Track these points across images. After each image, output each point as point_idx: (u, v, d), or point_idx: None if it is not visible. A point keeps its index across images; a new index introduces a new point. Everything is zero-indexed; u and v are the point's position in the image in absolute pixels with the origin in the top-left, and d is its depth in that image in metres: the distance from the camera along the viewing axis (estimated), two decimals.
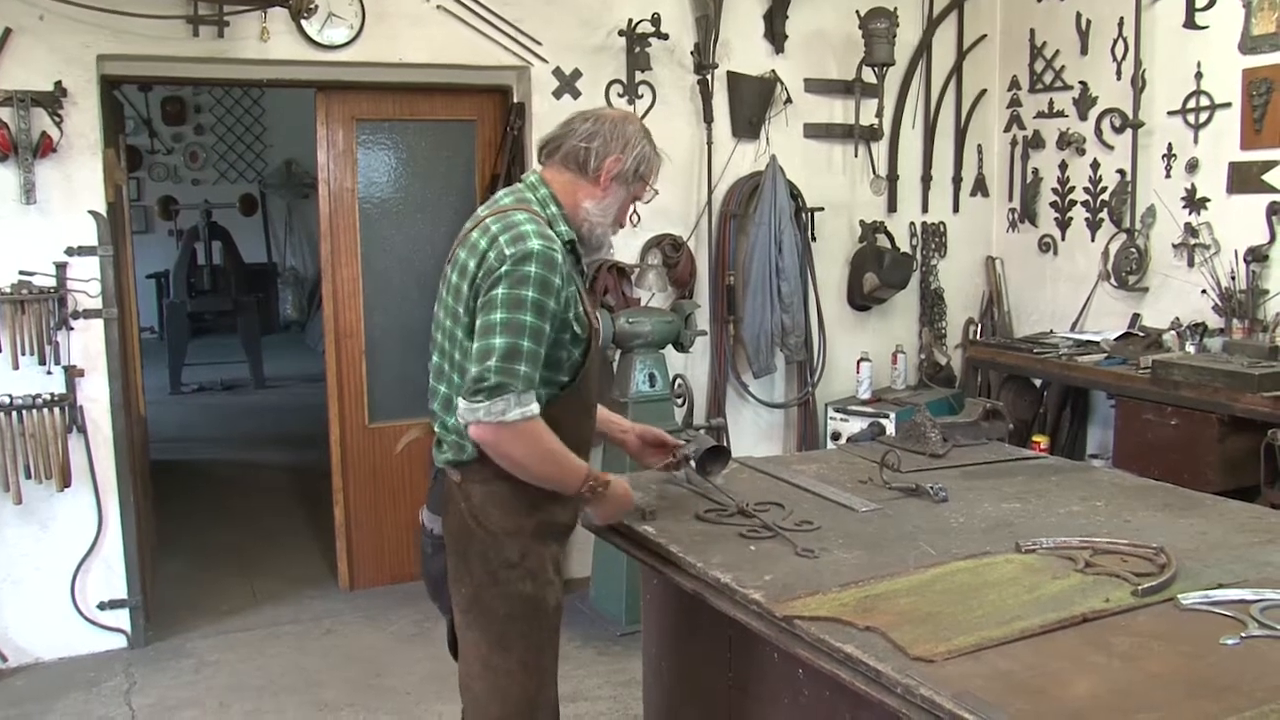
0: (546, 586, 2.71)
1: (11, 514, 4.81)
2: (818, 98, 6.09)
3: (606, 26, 5.57)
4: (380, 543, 5.73)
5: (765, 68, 5.92)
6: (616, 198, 2.69)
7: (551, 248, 2.51)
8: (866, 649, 1.94)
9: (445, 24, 5.29)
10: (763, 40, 5.93)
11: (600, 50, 5.59)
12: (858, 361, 6.13)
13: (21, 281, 4.70)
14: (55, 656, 4.97)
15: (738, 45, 5.84)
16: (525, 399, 2.44)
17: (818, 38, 6.02)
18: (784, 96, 5.97)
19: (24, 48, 4.65)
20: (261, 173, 13.80)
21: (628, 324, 5.19)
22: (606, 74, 5.61)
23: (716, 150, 5.81)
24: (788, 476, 3.13)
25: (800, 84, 6.02)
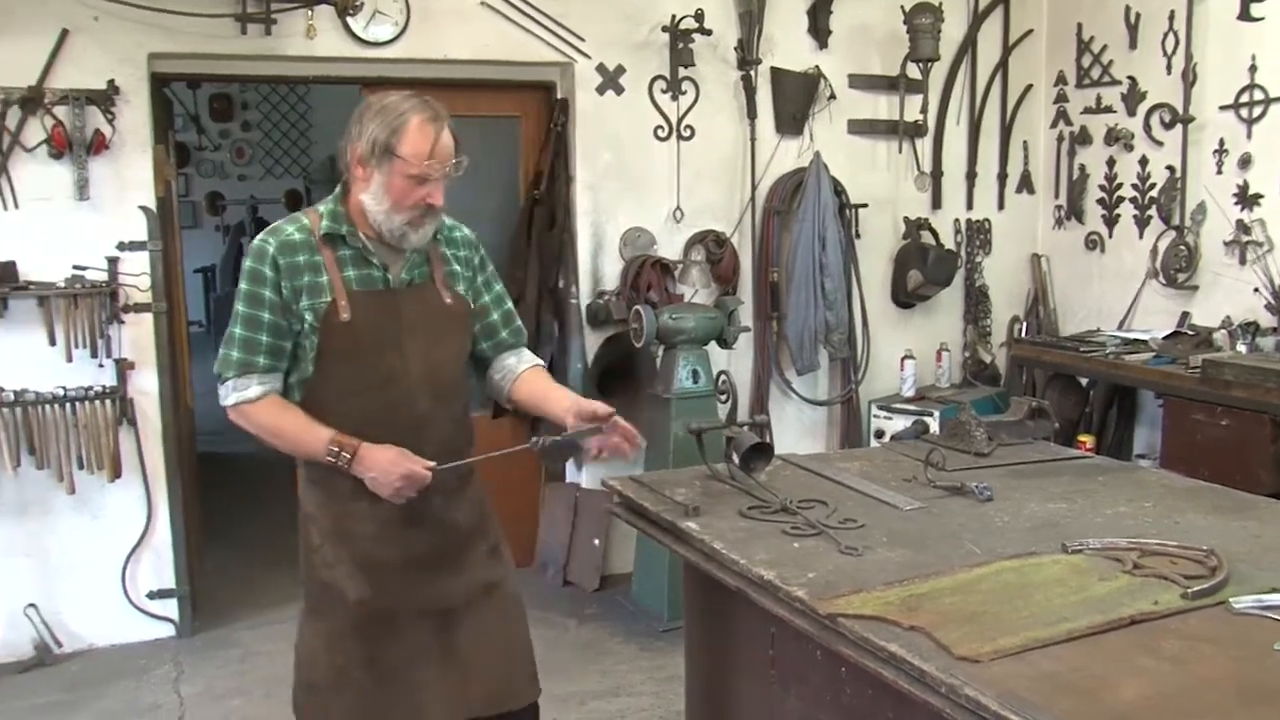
0: (346, 580, 2.80)
1: (65, 504, 4.89)
2: (862, 93, 6.06)
3: (650, 22, 5.57)
4: None
5: (809, 63, 5.90)
6: (378, 182, 2.65)
7: (266, 240, 2.71)
8: (911, 648, 1.93)
9: (490, 20, 5.31)
10: (806, 36, 5.91)
11: (644, 46, 5.59)
12: (901, 359, 6.09)
13: (75, 276, 4.77)
14: (107, 644, 5.05)
15: (781, 41, 5.82)
16: (241, 384, 2.71)
17: (862, 33, 5.99)
18: (828, 92, 5.95)
19: (79, 48, 4.73)
20: (306, 168, 13.89)
21: (671, 320, 5.19)
22: (650, 70, 5.61)
23: (760, 147, 5.80)
24: (831, 474, 3.11)
25: (844, 80, 6.00)
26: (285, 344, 2.72)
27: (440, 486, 2.76)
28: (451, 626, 2.86)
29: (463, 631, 2.87)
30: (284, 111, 13.74)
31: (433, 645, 2.84)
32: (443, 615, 2.85)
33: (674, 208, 5.70)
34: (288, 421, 2.72)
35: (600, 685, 4.62)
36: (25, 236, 4.74)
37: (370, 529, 2.78)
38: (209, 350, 10.94)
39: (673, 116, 5.66)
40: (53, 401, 4.75)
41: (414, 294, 2.78)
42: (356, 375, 2.72)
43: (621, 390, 5.54)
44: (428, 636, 2.84)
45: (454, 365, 2.86)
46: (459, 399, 2.89)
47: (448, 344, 2.83)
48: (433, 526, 2.83)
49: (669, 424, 5.16)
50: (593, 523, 5.66)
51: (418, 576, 2.82)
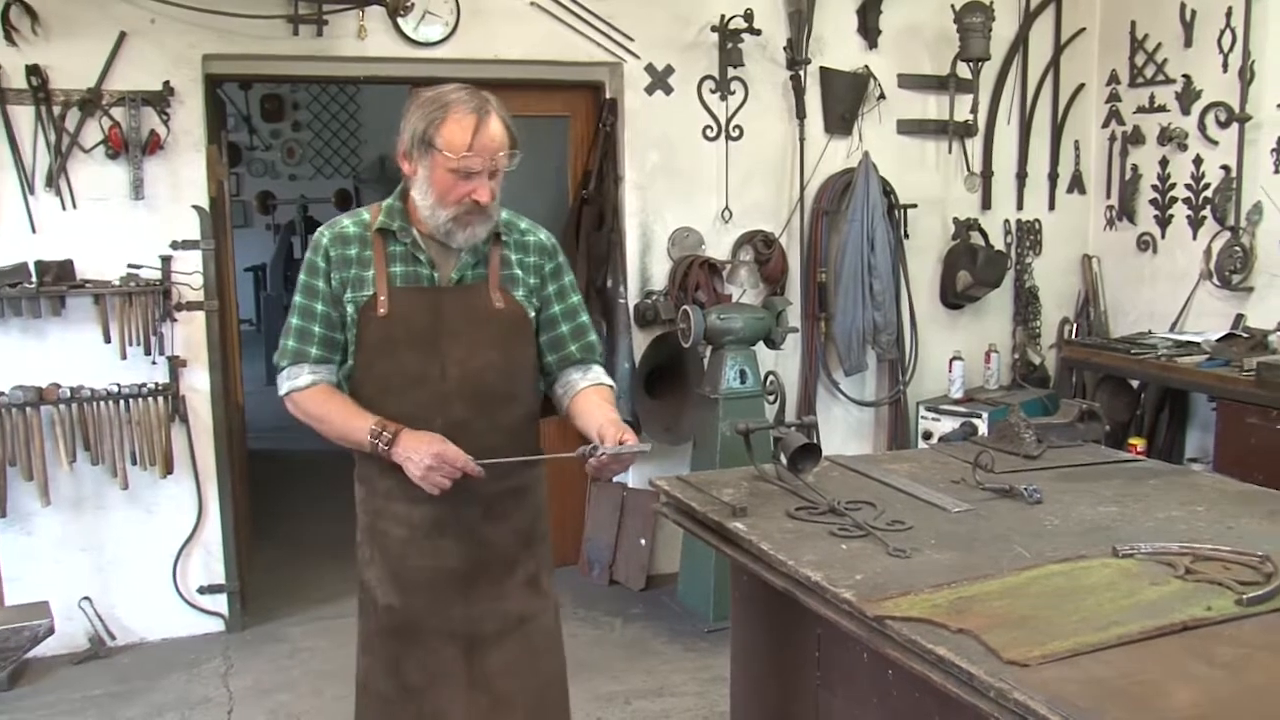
0: (377, 583, 2.80)
1: (119, 499, 4.97)
2: (911, 93, 6.03)
3: (699, 22, 5.57)
4: None
5: (858, 63, 5.87)
6: (422, 176, 2.62)
7: (323, 232, 2.73)
8: (959, 651, 1.92)
9: (539, 21, 5.33)
10: (856, 35, 5.88)
11: (693, 46, 5.58)
12: (950, 360, 6.05)
13: (129, 274, 4.84)
14: (158, 637, 5.13)
15: (831, 40, 5.80)
16: (293, 372, 2.72)
17: (912, 33, 5.96)
18: (877, 92, 5.92)
19: (136, 50, 4.80)
20: (356, 168, 14.00)
21: (719, 320, 5.18)
22: (699, 70, 5.61)
23: (809, 147, 5.78)
24: (879, 475, 3.10)
25: (894, 79, 5.97)
26: (337, 336, 2.72)
27: (478, 495, 2.69)
28: (480, 654, 2.77)
29: (491, 662, 2.78)
30: (334, 112, 13.85)
31: (459, 670, 2.77)
32: (470, 640, 2.77)
33: (722, 208, 5.70)
34: (334, 409, 2.69)
35: (644, 685, 4.63)
36: (82, 236, 4.81)
37: (402, 533, 2.75)
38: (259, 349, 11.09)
39: (721, 116, 5.66)
40: (107, 398, 4.82)
41: (461, 295, 2.70)
42: (391, 373, 2.68)
43: (669, 390, 5.55)
44: (454, 660, 2.76)
45: (499, 371, 2.72)
46: (509, 408, 2.75)
47: (494, 349, 2.71)
48: (465, 539, 2.74)
49: (716, 424, 5.16)
50: (639, 522, 5.67)
51: (447, 594, 2.75)
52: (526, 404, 2.80)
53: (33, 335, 4.80)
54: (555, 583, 2.97)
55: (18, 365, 4.77)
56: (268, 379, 10.81)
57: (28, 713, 4.46)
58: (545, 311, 2.84)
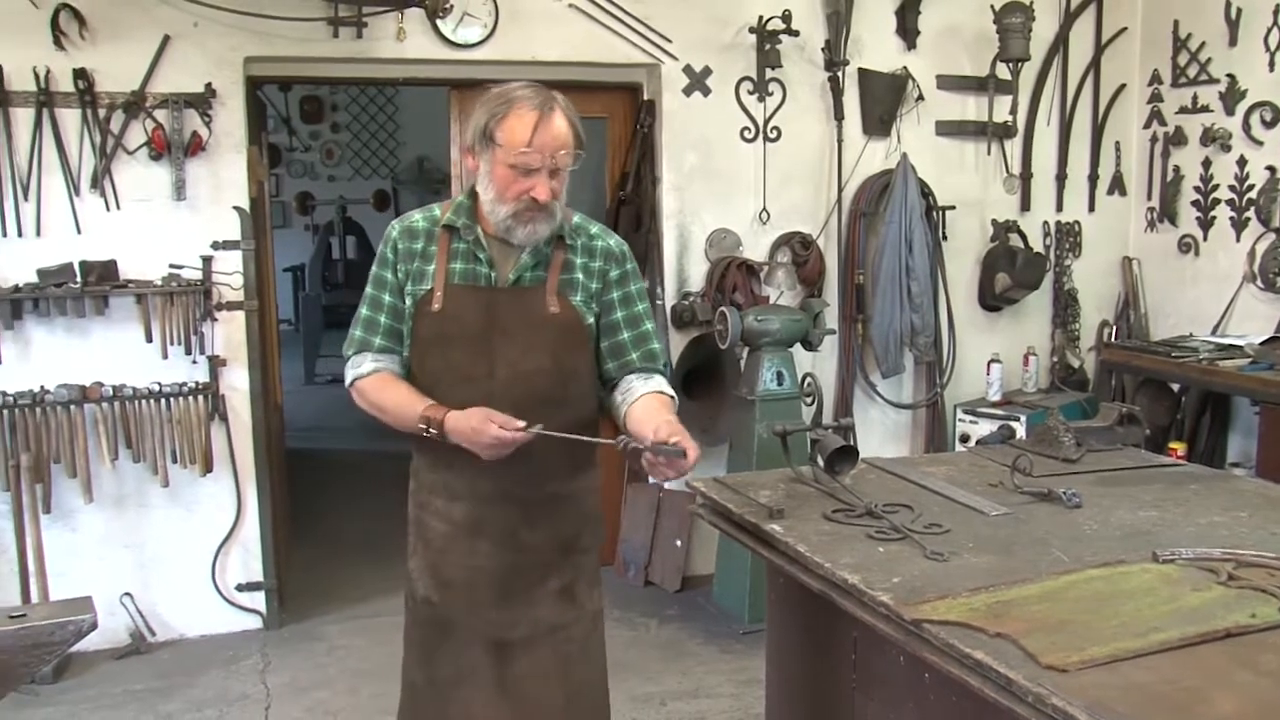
0: (417, 575, 2.85)
1: (159, 497, 5.03)
2: (950, 94, 6.00)
3: (737, 24, 5.57)
4: None
5: (897, 64, 5.85)
6: (484, 171, 2.63)
7: (394, 225, 2.78)
8: (997, 656, 1.90)
9: (577, 22, 5.35)
10: (894, 36, 5.86)
11: (730, 48, 5.58)
12: (988, 363, 6.02)
13: (171, 274, 4.90)
14: (197, 634, 5.18)
15: (869, 41, 5.78)
16: (356, 361, 2.78)
17: (951, 33, 5.93)
18: (915, 93, 5.90)
19: (179, 52, 4.85)
20: (394, 169, 14.08)
21: (756, 322, 5.18)
22: (736, 71, 5.61)
23: (847, 148, 5.76)
24: (916, 478, 3.09)
25: (932, 80, 5.94)
26: (402, 327, 2.74)
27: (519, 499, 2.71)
28: (509, 658, 2.76)
29: (520, 666, 2.77)
30: (373, 113, 13.94)
31: (487, 673, 2.77)
32: (500, 643, 2.76)
33: (760, 209, 5.69)
34: (390, 395, 2.70)
35: (680, 686, 4.63)
36: (125, 236, 4.87)
37: (443, 529, 2.77)
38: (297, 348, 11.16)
39: (759, 118, 5.65)
40: (148, 397, 4.87)
41: (516, 296, 2.68)
42: (441, 368, 2.69)
43: (705, 392, 5.54)
44: (483, 660, 2.76)
45: (549, 375, 2.68)
46: (559, 413, 2.65)
47: (545, 353, 2.68)
48: (501, 542, 2.74)
49: (753, 426, 5.15)
50: (675, 523, 5.67)
51: (482, 594, 2.75)
52: (578, 410, 2.76)
53: (77, 334, 4.86)
54: (599, 594, 2.94)
55: (62, 364, 4.83)
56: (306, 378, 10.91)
57: (72, 705, 4.52)
58: (607, 317, 2.80)
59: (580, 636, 2.85)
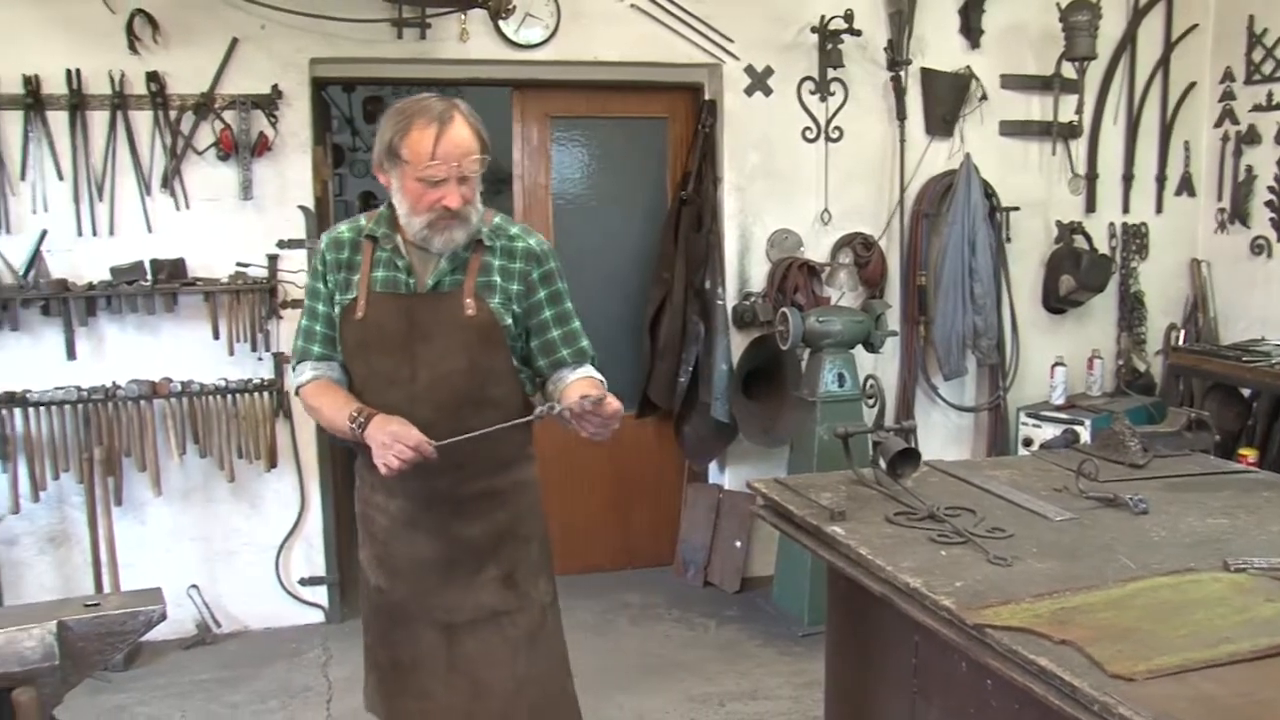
0: (367, 565, 2.96)
1: (225, 491, 5.11)
2: (1014, 94, 5.93)
3: (799, 23, 5.55)
4: (566, 531, 5.82)
5: (960, 63, 5.80)
6: (396, 187, 2.68)
7: (323, 238, 2.88)
8: (1062, 663, 1.89)
9: (638, 22, 5.36)
10: (958, 35, 5.81)
11: (792, 47, 5.56)
12: (1052, 366, 5.95)
13: (238, 272, 4.97)
14: (261, 626, 5.26)
15: (932, 41, 5.74)
16: (299, 369, 2.90)
17: (1015, 32, 5.86)
18: (979, 93, 5.84)
19: (247, 55, 4.93)
20: None
21: (817, 323, 5.16)
22: (798, 71, 5.59)
23: (909, 148, 5.73)
24: (979, 482, 3.06)
25: (996, 80, 5.88)
26: (336, 334, 2.82)
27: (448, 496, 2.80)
28: (458, 640, 2.87)
29: (468, 649, 2.87)
30: None
31: (440, 653, 2.88)
32: (448, 627, 2.87)
33: (821, 209, 5.67)
34: (326, 401, 2.80)
35: (738, 687, 4.62)
36: (194, 235, 4.96)
37: (383, 522, 2.89)
38: None
39: (821, 118, 5.63)
40: (215, 393, 4.95)
41: (434, 301, 2.74)
42: (367, 374, 2.79)
43: (766, 393, 5.53)
44: (435, 643, 2.88)
45: (466, 376, 2.74)
46: (481, 413, 2.73)
47: (463, 354, 2.74)
48: (436, 535, 2.84)
49: (814, 427, 5.14)
50: (735, 524, 5.67)
51: (427, 581, 2.86)
52: (503, 408, 2.79)
53: (147, 331, 4.95)
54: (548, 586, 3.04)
55: (133, 360, 4.93)
56: None
57: (142, 692, 4.62)
58: (536, 317, 2.85)
59: (527, 624, 2.93)
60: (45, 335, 4.84)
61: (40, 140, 4.76)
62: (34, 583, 4.98)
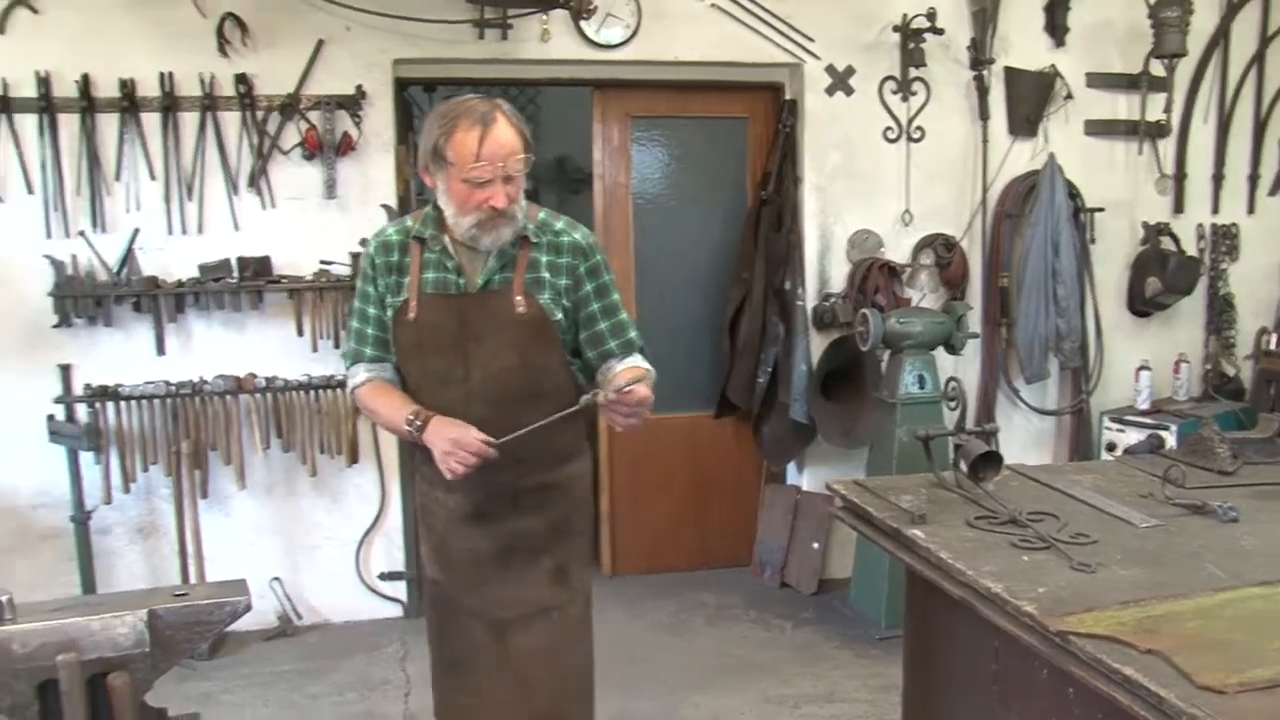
0: (426, 558, 3.02)
1: (307, 486, 5.20)
2: (1100, 93, 5.84)
3: (881, 22, 5.51)
4: (641, 532, 5.86)
5: (1045, 62, 5.72)
6: (442, 189, 2.72)
7: (370, 241, 2.91)
8: (1148, 673, 1.85)
9: (719, 22, 5.36)
10: (1043, 33, 5.73)
11: (874, 47, 5.53)
12: (1137, 370, 5.85)
13: (321, 270, 5.04)
14: (341, 619, 5.35)
15: (1016, 39, 5.67)
16: (353, 371, 2.94)
17: (1102, 29, 5.77)
18: (1064, 92, 5.76)
19: (332, 56, 5.02)
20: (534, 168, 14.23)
21: (898, 324, 5.12)
22: (880, 71, 5.55)
23: (992, 148, 5.66)
24: (1062, 486, 3.02)
25: (1081, 78, 5.79)
26: (388, 336, 2.86)
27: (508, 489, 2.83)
28: (508, 636, 2.91)
29: (518, 644, 2.91)
30: None
31: (490, 648, 2.92)
32: (499, 622, 2.91)
33: (903, 210, 5.62)
34: (382, 402, 2.85)
35: (814, 690, 4.60)
36: (279, 233, 5.05)
37: (441, 516, 2.93)
38: None
39: (903, 117, 5.59)
40: (298, 389, 5.03)
41: (485, 300, 2.77)
42: (421, 374, 2.82)
43: (846, 394, 5.50)
44: (485, 638, 2.92)
45: (519, 373, 2.78)
46: (535, 408, 2.75)
47: (514, 352, 2.77)
48: (494, 528, 2.87)
49: (893, 429, 5.10)
50: (812, 525, 5.64)
51: (479, 575, 2.90)
52: (557, 402, 2.80)
53: (233, 328, 5.06)
54: (591, 577, 3.09)
55: (219, 355, 5.04)
56: None
57: (226, 681, 4.72)
58: (585, 309, 2.88)
59: (574, 616, 2.98)
60: (136, 331, 4.96)
61: (134, 141, 4.88)
62: (125, 571, 5.11)
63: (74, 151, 4.85)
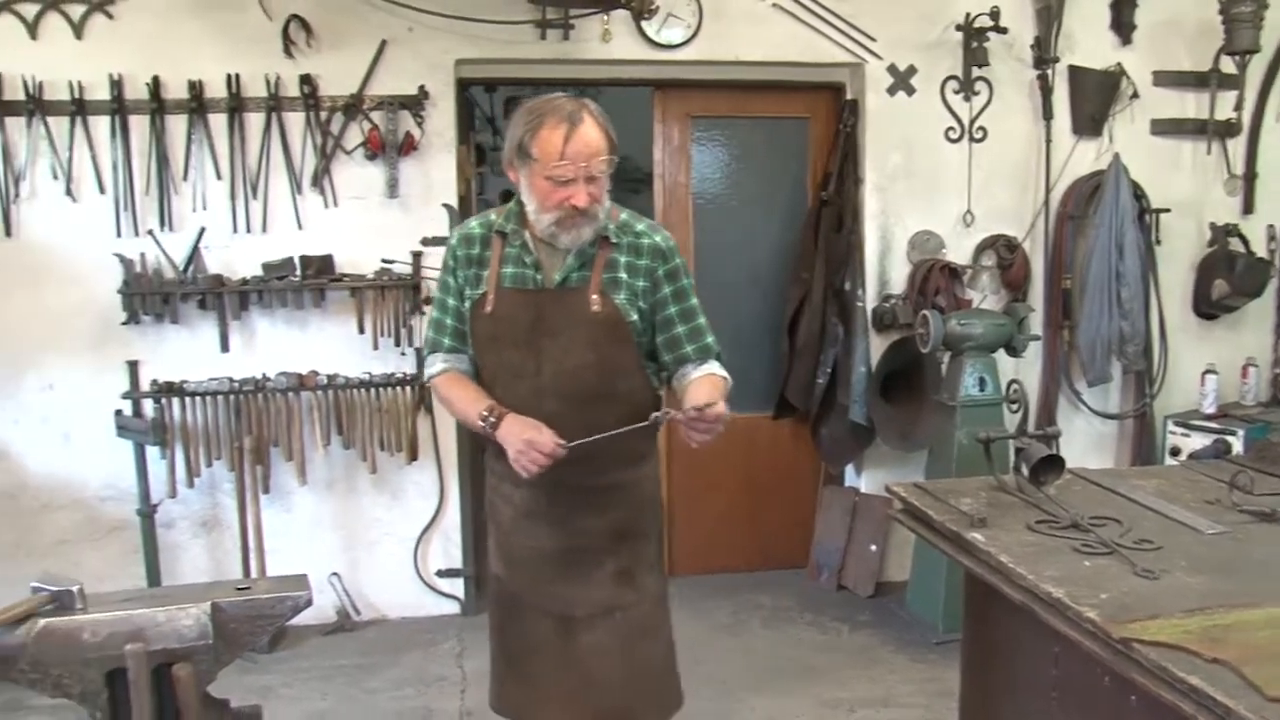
0: (491, 553, 3.05)
1: (367, 483, 5.25)
2: (1167, 91, 5.74)
3: (943, 21, 5.46)
4: (698, 532, 5.85)
5: (1110, 60, 5.64)
6: (524, 184, 2.75)
7: (454, 233, 2.98)
8: (1214, 683, 1.82)
9: (780, 22, 5.34)
10: (1108, 31, 5.65)
11: (936, 46, 5.48)
12: (1202, 373, 5.75)
13: (382, 269, 5.09)
14: (399, 616, 5.39)
15: (1080, 37, 5.59)
16: (430, 360, 2.99)
17: (1170, 26, 5.68)
18: (1130, 91, 5.67)
19: (395, 57, 5.06)
20: None
21: (958, 326, 5.08)
22: (942, 70, 5.50)
23: (1055, 148, 5.60)
24: (1125, 491, 2.98)
25: (1148, 77, 5.70)
26: (466, 328, 2.90)
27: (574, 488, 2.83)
28: (572, 633, 2.93)
29: (582, 642, 2.92)
30: None
31: (554, 645, 2.94)
32: (563, 619, 2.93)
33: (964, 211, 5.57)
34: (458, 394, 2.89)
35: (869, 693, 4.57)
36: (342, 232, 5.11)
37: (508, 512, 2.96)
38: None
39: (965, 117, 5.54)
40: (360, 386, 5.09)
41: (561, 296, 2.79)
42: (496, 366, 2.85)
43: (905, 396, 5.46)
44: (549, 635, 2.94)
45: (592, 371, 2.79)
46: (606, 407, 2.79)
47: (589, 350, 2.79)
48: (559, 526, 2.90)
49: (953, 432, 5.06)
50: (870, 528, 5.61)
51: (543, 572, 2.93)
52: (630, 403, 2.83)
53: (296, 325, 5.12)
54: (662, 579, 3.09)
55: (282, 352, 5.11)
56: None
57: (285, 674, 4.78)
58: (662, 312, 2.89)
59: (641, 618, 2.98)
60: (201, 328, 5.04)
61: (201, 142, 4.96)
62: (188, 564, 5.20)
63: (144, 152, 4.93)
